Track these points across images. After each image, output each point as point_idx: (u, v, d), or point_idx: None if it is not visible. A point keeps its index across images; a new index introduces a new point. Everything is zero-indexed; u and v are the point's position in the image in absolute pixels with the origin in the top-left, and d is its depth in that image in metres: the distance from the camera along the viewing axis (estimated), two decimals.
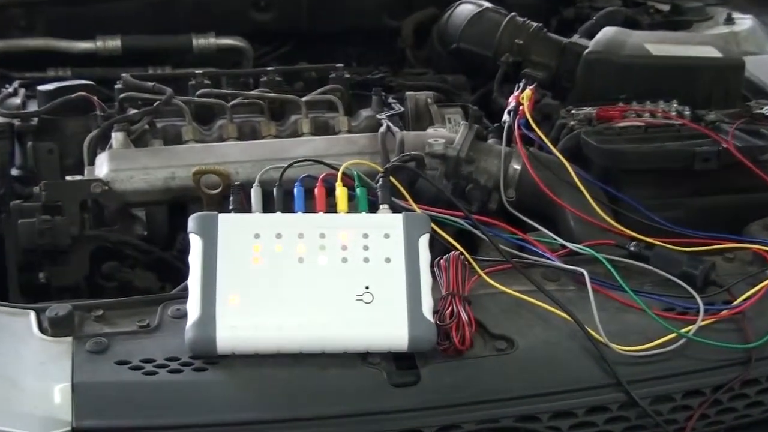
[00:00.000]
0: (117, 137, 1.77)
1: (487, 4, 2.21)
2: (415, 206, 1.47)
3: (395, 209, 1.45)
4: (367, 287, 1.29)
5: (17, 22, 2.27)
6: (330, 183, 1.44)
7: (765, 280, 1.42)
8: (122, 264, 1.67)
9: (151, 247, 1.68)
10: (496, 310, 1.36)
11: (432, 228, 1.37)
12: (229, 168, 1.67)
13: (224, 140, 1.84)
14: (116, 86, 1.93)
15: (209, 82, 1.98)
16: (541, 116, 1.83)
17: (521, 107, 1.69)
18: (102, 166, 1.71)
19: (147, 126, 1.82)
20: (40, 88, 1.94)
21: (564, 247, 1.50)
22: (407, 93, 2.01)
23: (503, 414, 1.26)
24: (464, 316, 1.28)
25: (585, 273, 1.39)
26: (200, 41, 2.31)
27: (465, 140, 1.68)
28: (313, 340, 1.27)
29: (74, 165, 1.81)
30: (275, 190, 1.45)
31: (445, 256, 1.36)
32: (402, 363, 1.28)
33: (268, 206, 1.44)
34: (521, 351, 1.31)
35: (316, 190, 1.43)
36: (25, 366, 1.26)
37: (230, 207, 1.45)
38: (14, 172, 1.85)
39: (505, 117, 1.73)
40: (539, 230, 1.54)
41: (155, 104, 1.82)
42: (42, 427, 1.17)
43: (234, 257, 1.29)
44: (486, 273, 1.40)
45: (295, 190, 1.43)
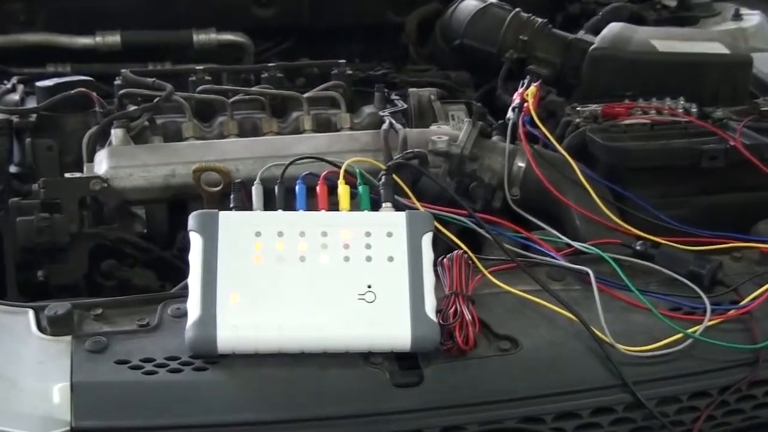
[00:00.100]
0: (116, 134, 1.77)
1: (492, 0, 2.20)
2: (418, 204, 1.47)
3: (398, 207, 1.44)
4: (370, 286, 1.29)
5: (16, 17, 2.27)
6: (332, 181, 1.44)
7: None
8: (121, 262, 1.67)
9: (151, 246, 1.68)
10: (500, 310, 1.36)
11: (435, 226, 1.37)
12: (230, 165, 1.68)
13: (225, 137, 1.84)
14: (116, 82, 1.93)
15: (210, 79, 1.98)
16: (546, 113, 1.83)
17: (526, 104, 1.69)
18: (101, 163, 1.71)
19: (147, 123, 1.82)
20: (39, 84, 1.94)
21: (569, 246, 1.50)
22: (410, 90, 2.01)
23: (507, 415, 1.25)
24: (468, 316, 1.28)
25: (590, 272, 1.39)
26: (201, 37, 2.31)
27: (469, 137, 1.68)
28: (315, 340, 1.27)
29: (73, 162, 1.82)
30: (277, 188, 1.45)
31: (449, 255, 1.36)
32: (405, 363, 1.28)
33: (270, 204, 1.44)
34: (525, 351, 1.31)
35: (318, 188, 1.43)
36: (24, 365, 1.26)
37: (231, 205, 1.44)
38: (12, 169, 1.85)
39: (510, 114, 1.73)
40: (544, 229, 1.54)
41: (155, 101, 1.82)
42: (41, 427, 1.17)
43: (235, 256, 1.29)
44: (490, 272, 1.40)
45: (297, 188, 1.43)
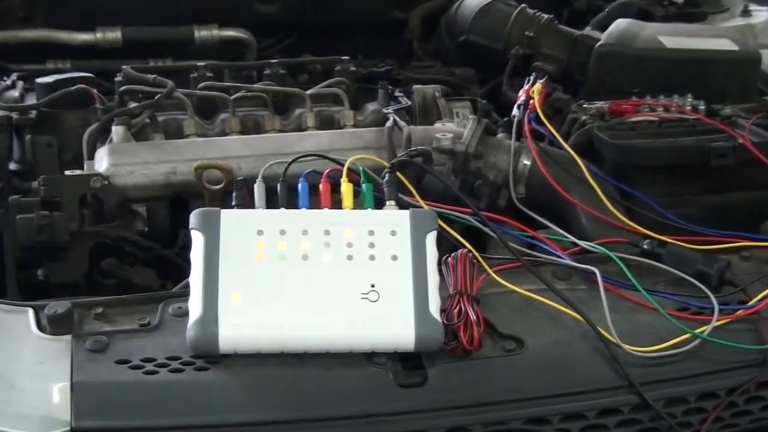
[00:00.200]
0: (117, 131, 1.77)
1: None
2: (423, 202, 1.47)
3: (402, 205, 1.44)
4: (373, 285, 1.29)
5: (16, 13, 2.27)
6: (335, 178, 1.44)
7: None
8: (122, 261, 1.67)
9: (152, 244, 1.68)
10: (506, 310, 1.36)
11: (439, 225, 1.37)
12: (232, 163, 1.68)
13: (227, 134, 1.84)
14: (116, 79, 1.94)
15: (211, 75, 1.98)
16: (552, 111, 1.83)
17: (531, 101, 1.69)
18: (102, 161, 1.71)
19: (148, 119, 1.82)
20: (39, 81, 1.94)
21: (575, 245, 1.50)
22: (414, 86, 2.01)
23: (512, 416, 1.25)
24: (472, 316, 1.28)
25: (597, 272, 1.39)
26: (202, 33, 2.31)
27: (473, 135, 1.68)
28: (317, 340, 1.27)
29: (73, 159, 1.82)
30: (279, 186, 1.45)
31: (453, 254, 1.36)
32: (408, 363, 1.28)
33: (272, 202, 1.44)
34: (531, 351, 1.31)
35: (321, 186, 1.43)
36: (23, 365, 1.26)
37: (233, 203, 1.45)
38: (12, 167, 1.85)
39: (515, 111, 1.73)
40: (550, 228, 1.54)
41: (156, 97, 1.82)
42: (40, 428, 1.17)
43: (237, 254, 1.29)
44: (495, 271, 1.39)
45: (300, 186, 1.43)
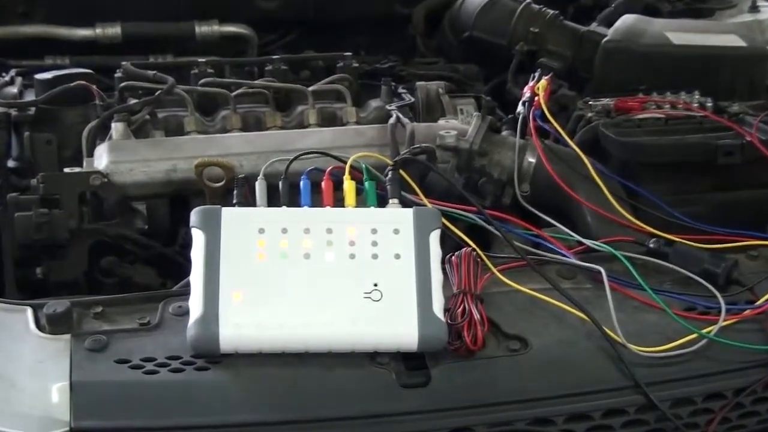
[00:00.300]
0: (117, 128, 1.77)
1: None
2: (426, 201, 1.47)
3: (405, 204, 1.44)
4: (376, 284, 1.29)
5: (15, 9, 2.27)
6: (337, 176, 1.44)
7: None
8: (122, 259, 1.67)
9: (152, 242, 1.68)
10: (510, 309, 1.36)
11: (443, 223, 1.37)
12: (233, 160, 1.68)
13: (228, 131, 1.84)
14: (116, 75, 1.93)
15: (212, 71, 1.98)
16: (558, 107, 1.83)
17: (536, 98, 1.69)
18: (101, 158, 1.72)
19: (148, 116, 1.82)
20: (38, 77, 1.94)
21: (580, 244, 1.50)
22: (418, 83, 2.01)
23: (516, 417, 1.25)
24: (476, 315, 1.29)
25: (602, 271, 1.39)
26: (203, 28, 2.31)
27: (478, 132, 1.68)
28: (319, 339, 1.27)
29: (73, 156, 1.82)
30: (281, 184, 1.45)
31: (457, 253, 1.36)
32: (411, 363, 1.28)
33: (273, 200, 1.44)
34: (535, 351, 1.31)
35: (323, 184, 1.43)
36: (22, 364, 1.26)
37: (234, 201, 1.45)
38: (11, 164, 1.85)
39: (520, 108, 1.73)
40: (555, 226, 1.54)
41: (156, 94, 1.82)
42: (39, 428, 1.18)
43: (238, 253, 1.29)
44: (499, 270, 1.40)
45: (302, 184, 1.43)
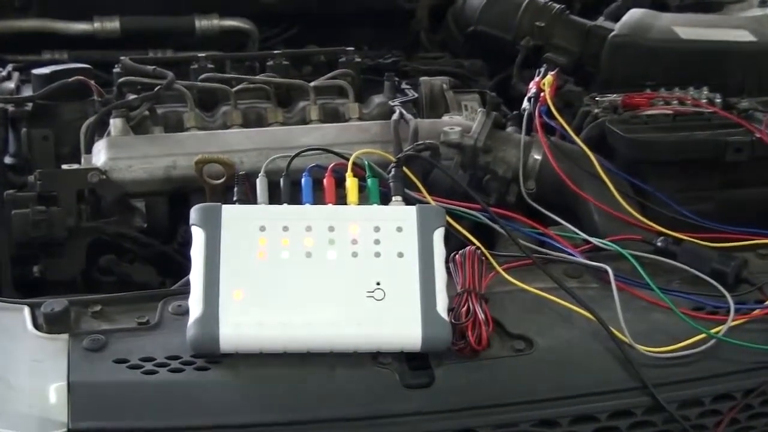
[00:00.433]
0: (115, 124, 1.77)
1: None
2: (430, 198, 1.47)
3: (408, 201, 1.44)
4: (379, 283, 1.29)
5: (11, 3, 2.27)
6: (340, 173, 1.44)
7: None
8: (121, 257, 1.67)
9: (151, 240, 1.69)
10: (515, 309, 1.36)
11: (447, 221, 1.37)
12: (234, 157, 1.68)
13: (228, 127, 1.85)
14: (115, 70, 1.94)
15: (212, 66, 1.98)
16: (564, 103, 1.83)
17: (542, 94, 1.69)
18: (99, 154, 1.72)
19: (147, 112, 1.82)
20: (35, 72, 1.94)
21: (587, 242, 1.50)
22: (421, 78, 2.01)
23: (521, 418, 1.25)
24: (481, 315, 1.28)
25: (609, 270, 1.39)
26: (203, 23, 2.31)
27: (482, 128, 1.68)
28: (321, 339, 1.27)
29: (70, 153, 1.82)
30: (282, 181, 1.45)
31: (461, 251, 1.36)
32: (415, 363, 1.28)
33: (275, 197, 1.44)
34: (541, 352, 1.31)
35: (325, 181, 1.43)
36: (19, 364, 1.26)
37: (234, 198, 1.45)
38: (7, 160, 1.85)
39: (525, 104, 1.73)
40: (561, 224, 1.54)
41: (156, 89, 1.82)
42: (37, 428, 1.18)
43: (238, 251, 1.29)
44: (504, 269, 1.40)
45: (303, 181, 1.43)
